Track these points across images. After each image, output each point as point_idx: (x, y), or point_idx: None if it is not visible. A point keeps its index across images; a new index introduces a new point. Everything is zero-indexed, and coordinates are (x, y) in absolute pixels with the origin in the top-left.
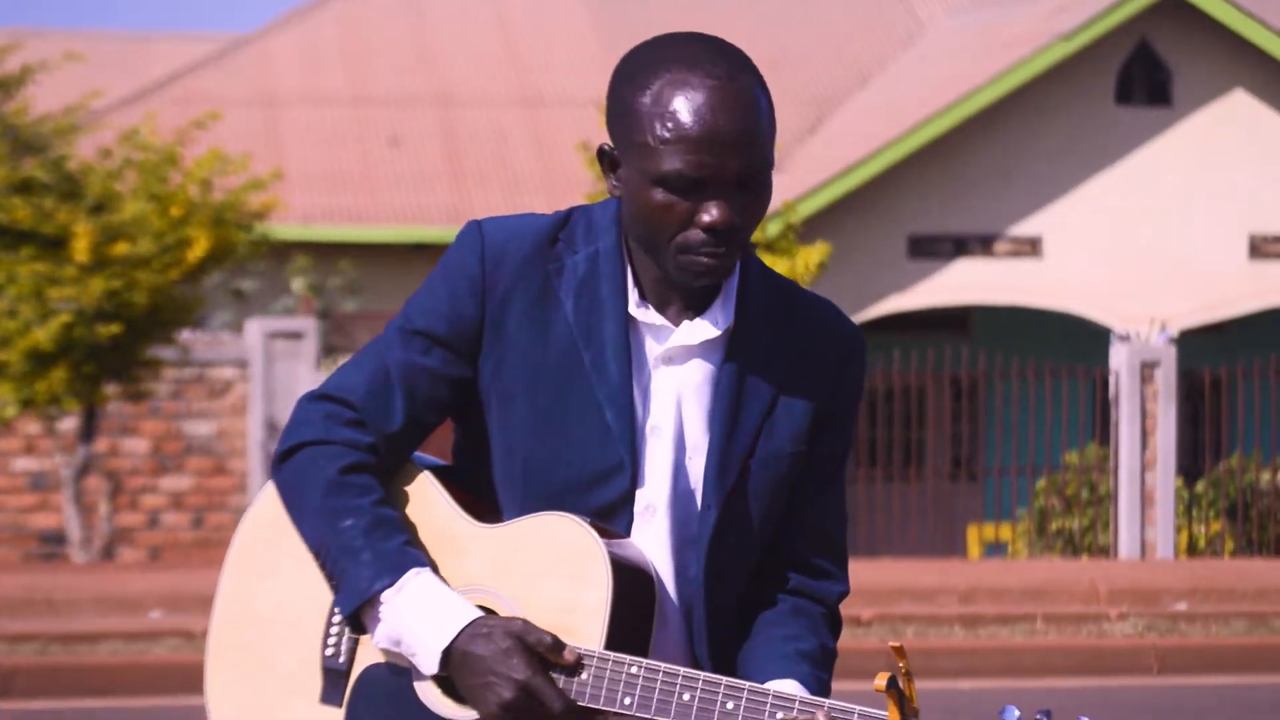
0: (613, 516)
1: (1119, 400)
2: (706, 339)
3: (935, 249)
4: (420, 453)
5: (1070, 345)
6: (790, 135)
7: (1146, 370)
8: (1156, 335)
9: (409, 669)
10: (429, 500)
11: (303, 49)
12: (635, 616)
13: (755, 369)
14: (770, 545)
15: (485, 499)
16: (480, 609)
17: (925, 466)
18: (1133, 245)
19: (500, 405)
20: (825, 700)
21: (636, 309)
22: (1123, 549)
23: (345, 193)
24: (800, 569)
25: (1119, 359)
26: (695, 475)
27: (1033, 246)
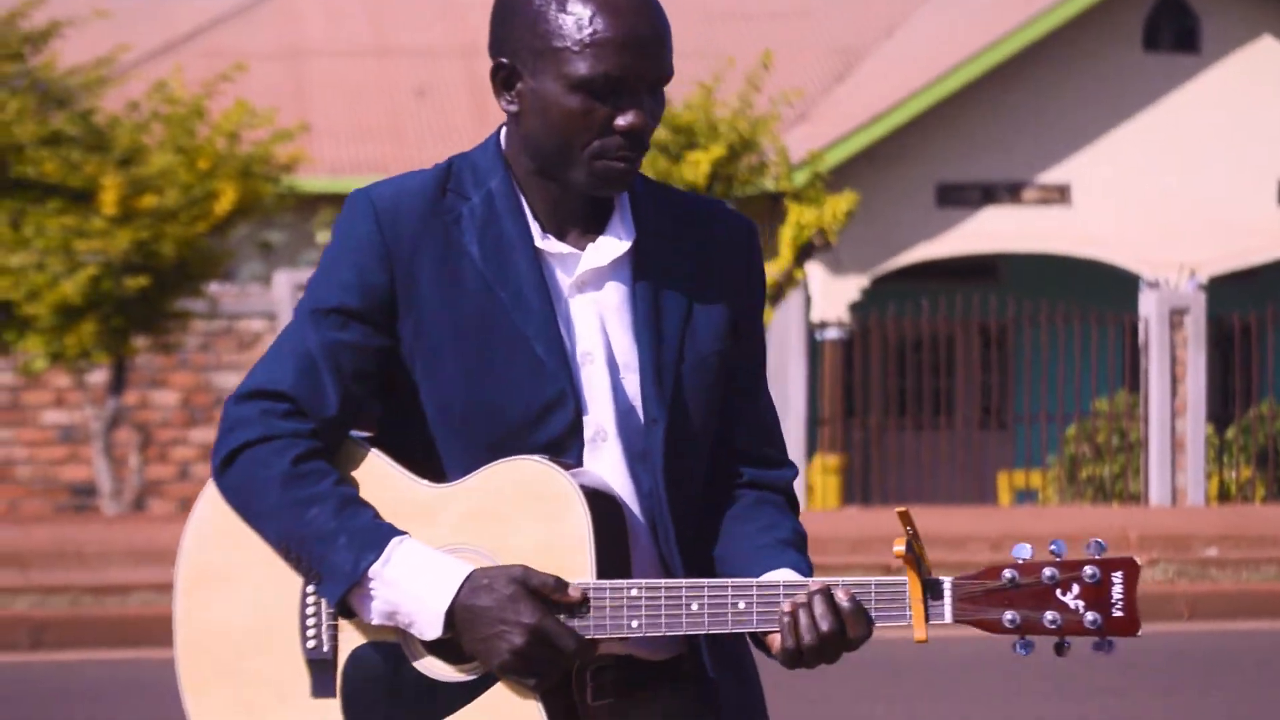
0: (563, 448)
1: (1148, 347)
2: (615, 257)
3: (963, 197)
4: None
5: (1099, 293)
6: (817, 85)
7: (1176, 317)
8: (1186, 282)
9: (397, 643)
10: (380, 473)
11: (328, 1)
12: (612, 542)
13: (666, 278)
14: (717, 444)
15: (424, 464)
16: None
17: (955, 415)
18: (1161, 192)
19: (426, 365)
20: (839, 579)
21: (541, 241)
22: (1153, 495)
23: (372, 144)
24: (751, 462)
25: (1148, 306)
26: (633, 392)
27: (1061, 194)
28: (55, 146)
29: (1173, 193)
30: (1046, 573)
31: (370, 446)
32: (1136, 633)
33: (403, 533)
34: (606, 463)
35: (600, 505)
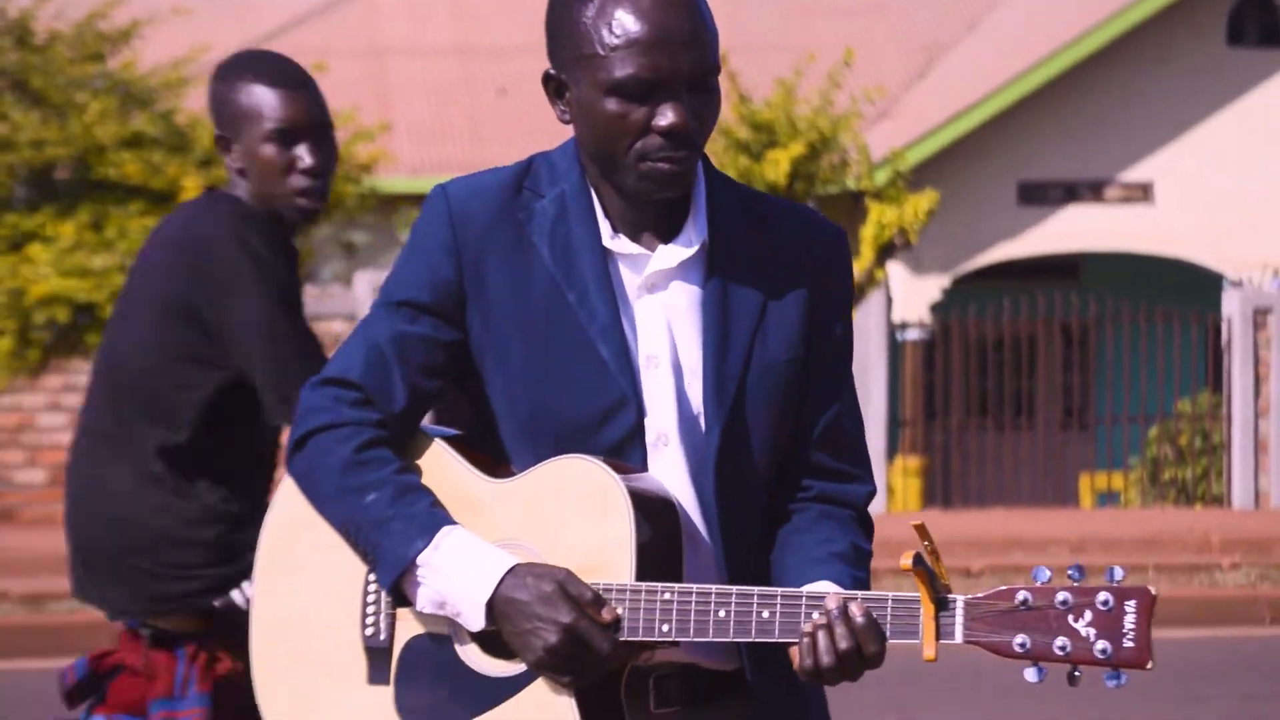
0: (626, 452)
1: (1231, 347)
2: (683, 259)
3: (1045, 195)
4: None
5: (1181, 292)
6: (898, 82)
7: (1259, 317)
8: (1269, 281)
9: (450, 635)
10: (444, 465)
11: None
12: (663, 546)
13: (738, 282)
14: (787, 456)
15: (501, 458)
16: None
17: (1036, 416)
18: (1244, 190)
19: (496, 360)
20: (858, 592)
21: (610, 241)
22: (1236, 498)
23: (453, 144)
24: (821, 475)
25: (1231, 305)
26: (696, 399)
27: (1144, 192)
28: (136, 148)
29: (1256, 191)
30: (1060, 597)
31: (437, 440)
32: (1147, 666)
33: (455, 522)
34: (671, 468)
35: (650, 509)
